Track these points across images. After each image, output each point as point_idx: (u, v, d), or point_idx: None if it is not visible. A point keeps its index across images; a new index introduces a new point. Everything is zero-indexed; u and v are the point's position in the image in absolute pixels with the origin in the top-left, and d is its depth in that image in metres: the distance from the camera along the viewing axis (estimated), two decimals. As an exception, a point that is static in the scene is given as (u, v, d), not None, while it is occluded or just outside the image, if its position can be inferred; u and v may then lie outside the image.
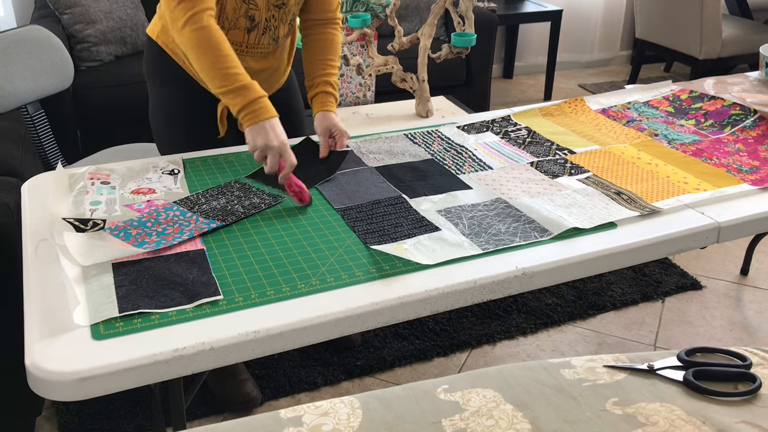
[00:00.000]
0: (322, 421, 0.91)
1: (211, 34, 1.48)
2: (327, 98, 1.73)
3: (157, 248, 1.27)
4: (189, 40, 1.48)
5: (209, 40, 1.47)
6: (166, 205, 1.42)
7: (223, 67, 1.47)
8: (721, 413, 0.93)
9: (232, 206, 1.43)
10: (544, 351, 2.17)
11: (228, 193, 1.49)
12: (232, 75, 1.47)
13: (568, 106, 1.99)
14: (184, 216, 1.39)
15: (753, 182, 1.57)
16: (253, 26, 1.66)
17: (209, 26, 1.48)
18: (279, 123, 1.49)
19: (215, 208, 1.42)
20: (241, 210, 1.42)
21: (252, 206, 1.43)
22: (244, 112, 1.48)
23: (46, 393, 1.01)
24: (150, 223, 1.36)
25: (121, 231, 1.33)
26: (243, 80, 1.48)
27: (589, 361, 1.05)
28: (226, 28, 1.65)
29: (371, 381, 2.04)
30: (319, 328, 1.12)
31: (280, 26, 1.71)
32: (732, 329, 2.29)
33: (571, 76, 4.79)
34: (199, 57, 1.48)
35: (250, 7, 1.62)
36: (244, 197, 1.47)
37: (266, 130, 1.46)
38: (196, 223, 1.36)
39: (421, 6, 3.68)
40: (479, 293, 1.23)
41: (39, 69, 2.08)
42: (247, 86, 1.48)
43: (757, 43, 3.94)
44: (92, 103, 2.97)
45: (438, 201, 1.47)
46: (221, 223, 1.36)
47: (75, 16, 3.07)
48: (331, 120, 1.68)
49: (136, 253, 1.26)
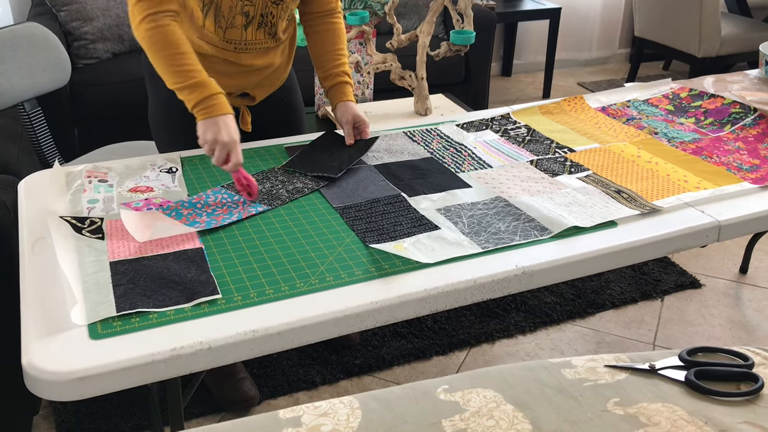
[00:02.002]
0: (321, 421, 0.90)
1: (167, 33, 1.50)
2: (344, 88, 1.75)
3: (208, 227, 1.33)
4: (143, 38, 1.51)
5: (163, 37, 1.49)
6: (215, 189, 1.49)
7: (178, 64, 1.50)
8: (724, 414, 0.93)
9: (276, 190, 1.49)
10: (543, 350, 2.17)
11: (272, 177, 1.54)
12: (187, 72, 1.50)
13: (567, 105, 1.99)
14: (231, 199, 1.45)
15: (753, 181, 1.57)
16: (248, 22, 1.66)
17: (165, 25, 1.50)
18: (233, 121, 1.50)
19: (261, 192, 1.47)
20: (286, 194, 1.47)
21: (296, 191, 1.49)
22: (198, 107, 1.49)
23: (42, 393, 1.00)
24: (200, 204, 1.42)
25: (172, 211, 1.38)
26: (198, 77, 1.50)
27: (590, 361, 1.04)
28: (224, 27, 1.64)
29: (370, 380, 2.04)
30: (317, 327, 1.12)
31: (278, 23, 1.70)
32: (731, 328, 2.28)
33: (569, 74, 4.78)
34: (153, 54, 1.51)
35: (245, 4, 1.62)
36: (288, 182, 1.52)
37: (218, 125, 1.47)
38: (244, 205, 1.42)
39: (419, 3, 3.67)
40: (478, 292, 1.22)
41: (36, 66, 2.07)
42: (203, 83, 1.50)
43: (757, 41, 3.94)
44: (89, 101, 2.96)
45: (437, 199, 1.47)
46: (267, 207, 1.42)
47: (72, 13, 3.06)
48: (352, 110, 1.71)
49: (188, 231, 1.31)
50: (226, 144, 1.46)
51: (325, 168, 1.57)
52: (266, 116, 1.86)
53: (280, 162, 1.62)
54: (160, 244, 1.28)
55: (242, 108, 1.81)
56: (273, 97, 1.86)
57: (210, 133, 1.47)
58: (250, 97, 1.81)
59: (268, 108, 1.85)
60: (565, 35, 4.76)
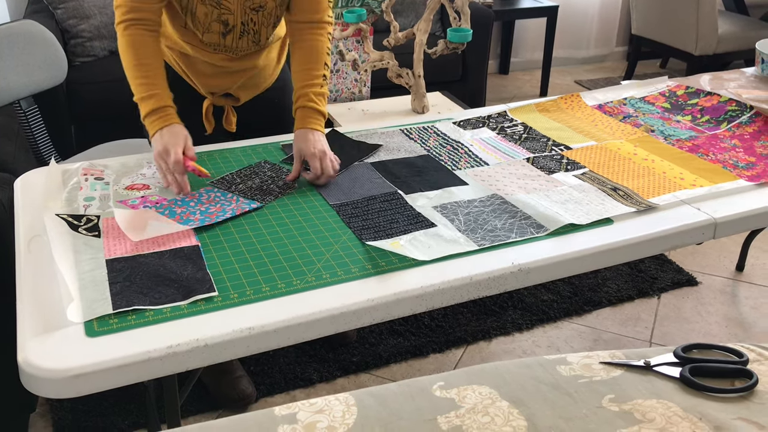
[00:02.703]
0: (316, 418, 0.91)
1: (134, 42, 1.52)
2: (306, 113, 1.58)
3: (202, 224, 1.33)
4: (118, 42, 1.55)
5: (131, 47, 1.52)
6: (207, 187, 1.49)
7: (137, 75, 1.52)
8: (718, 410, 0.93)
9: (267, 186, 1.50)
10: (539, 347, 2.17)
11: (260, 173, 1.56)
12: (142, 85, 1.52)
13: (564, 102, 1.99)
14: (224, 196, 1.45)
15: (749, 178, 1.57)
16: (228, 30, 1.63)
17: (133, 35, 1.52)
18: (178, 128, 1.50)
19: (252, 188, 1.49)
20: (277, 190, 1.49)
21: (286, 186, 1.51)
22: (150, 119, 1.51)
23: (39, 390, 1.00)
24: (193, 202, 1.42)
25: (166, 209, 1.38)
26: (152, 90, 1.51)
27: (585, 358, 1.04)
28: (201, 31, 1.63)
29: (366, 377, 2.04)
30: (314, 325, 1.12)
31: (261, 30, 1.67)
32: (727, 325, 2.29)
33: (567, 72, 4.79)
34: (122, 59, 1.55)
35: (223, 12, 1.59)
36: (277, 177, 1.54)
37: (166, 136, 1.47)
38: (237, 202, 1.43)
39: (416, 1, 3.67)
40: (475, 289, 1.23)
41: (32, 64, 2.06)
42: (154, 95, 1.51)
43: (753, 39, 3.94)
44: (86, 99, 2.96)
45: (434, 197, 1.47)
46: (260, 204, 1.43)
47: (69, 10, 3.06)
48: (303, 141, 1.53)
49: (182, 229, 1.32)
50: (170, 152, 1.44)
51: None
52: (255, 117, 1.84)
53: (276, 159, 1.62)
54: (156, 241, 1.28)
55: (227, 108, 1.78)
56: (262, 97, 1.83)
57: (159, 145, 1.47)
58: (234, 97, 1.79)
59: (258, 108, 1.83)
60: (563, 33, 4.76)
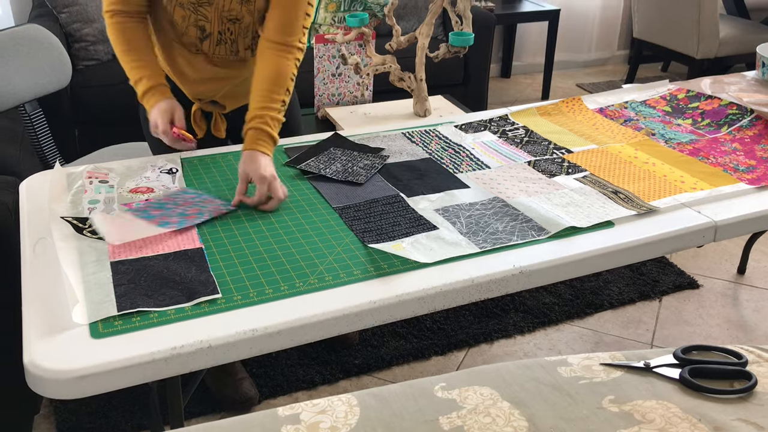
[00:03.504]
0: (319, 418, 0.91)
1: (121, 29, 1.60)
2: (256, 135, 1.52)
3: (180, 227, 1.34)
4: (107, 27, 1.62)
5: (116, 35, 1.61)
6: (182, 189, 1.50)
7: (127, 60, 1.61)
8: (717, 411, 0.94)
9: (350, 167, 1.59)
10: (541, 350, 2.18)
11: (337, 158, 1.63)
12: (135, 69, 1.60)
13: (565, 106, 2.00)
14: (200, 197, 1.46)
15: (749, 181, 1.58)
16: (205, 36, 1.65)
17: (120, 22, 1.60)
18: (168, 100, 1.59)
19: (338, 171, 1.57)
20: (363, 172, 1.57)
21: (365, 167, 1.59)
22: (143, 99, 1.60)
23: (44, 391, 1.01)
24: (170, 204, 1.42)
25: (142, 213, 1.38)
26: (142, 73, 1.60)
27: (585, 359, 1.05)
28: (179, 33, 1.65)
29: (369, 379, 2.04)
30: (316, 327, 1.13)
31: (238, 40, 1.67)
32: (729, 328, 2.29)
33: (568, 75, 4.79)
34: (114, 48, 1.63)
35: (199, 18, 1.61)
36: (352, 161, 1.62)
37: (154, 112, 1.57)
38: (214, 204, 1.43)
39: (419, 5, 3.68)
40: (477, 292, 1.23)
41: (37, 68, 2.07)
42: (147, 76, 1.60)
43: (754, 42, 3.95)
44: (90, 102, 2.97)
45: (436, 200, 1.48)
46: (233, 208, 1.43)
47: (73, 14, 3.07)
48: (251, 163, 1.46)
49: (160, 232, 1.32)
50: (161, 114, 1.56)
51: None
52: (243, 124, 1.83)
53: (277, 163, 1.63)
54: (160, 244, 1.29)
55: (216, 114, 1.78)
56: None
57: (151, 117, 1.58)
58: (220, 105, 1.78)
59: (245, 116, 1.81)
60: (564, 37, 4.77)
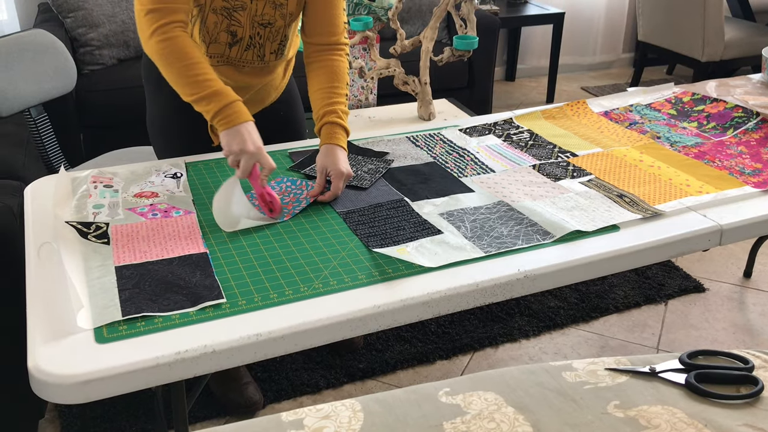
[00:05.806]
0: (323, 424, 0.91)
1: (178, 44, 1.46)
2: (331, 130, 1.57)
3: (292, 217, 1.42)
4: (155, 51, 1.47)
5: (176, 49, 1.46)
6: (277, 179, 1.56)
7: (192, 75, 1.46)
8: (723, 416, 0.93)
9: (354, 172, 1.58)
10: (546, 354, 2.17)
11: (356, 163, 1.63)
12: (203, 82, 1.46)
13: (570, 109, 1.99)
14: (294, 185, 1.52)
15: (755, 185, 1.57)
16: (235, 41, 1.64)
17: (176, 36, 1.47)
18: (255, 128, 1.47)
19: (360, 174, 1.58)
20: (366, 176, 1.58)
21: (370, 171, 1.60)
22: (218, 118, 1.45)
23: (48, 396, 1.01)
24: (279, 194, 1.49)
25: None
26: (214, 86, 1.46)
27: (590, 364, 1.05)
28: (207, 41, 1.63)
29: (373, 384, 2.04)
30: (321, 331, 1.13)
31: (266, 44, 1.67)
32: (735, 332, 2.28)
33: (573, 78, 4.79)
34: (166, 67, 1.47)
35: (233, 23, 1.60)
36: (356, 165, 1.62)
37: (242, 134, 1.43)
38: (308, 188, 1.50)
39: (423, 9, 3.68)
40: (481, 296, 1.23)
41: (42, 73, 2.08)
42: (219, 92, 1.46)
43: (760, 45, 3.94)
44: (95, 107, 2.98)
45: (440, 204, 1.48)
46: (311, 201, 1.47)
47: (78, 19, 3.08)
48: (329, 156, 1.52)
49: (275, 222, 1.40)
50: (253, 154, 1.41)
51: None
52: (260, 129, 1.82)
53: (284, 167, 1.63)
54: (165, 248, 1.29)
55: None
56: (269, 110, 1.83)
57: (236, 144, 1.42)
58: None
59: (263, 121, 1.80)
60: (569, 40, 4.77)
